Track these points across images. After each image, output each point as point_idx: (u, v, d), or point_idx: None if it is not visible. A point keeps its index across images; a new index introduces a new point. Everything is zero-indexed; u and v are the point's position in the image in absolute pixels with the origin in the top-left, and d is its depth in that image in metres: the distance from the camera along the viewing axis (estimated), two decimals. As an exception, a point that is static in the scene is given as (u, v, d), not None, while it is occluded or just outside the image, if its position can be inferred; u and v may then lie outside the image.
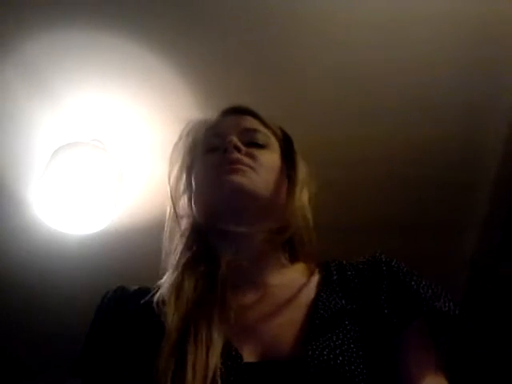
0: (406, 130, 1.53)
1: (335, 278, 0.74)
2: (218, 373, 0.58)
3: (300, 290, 0.72)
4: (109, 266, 1.73)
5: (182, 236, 0.77)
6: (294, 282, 0.73)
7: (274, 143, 0.82)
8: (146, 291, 0.74)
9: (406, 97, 1.46)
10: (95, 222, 1.50)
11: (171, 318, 0.65)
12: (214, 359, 0.59)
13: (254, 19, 1.30)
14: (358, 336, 0.65)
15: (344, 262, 0.78)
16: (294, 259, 0.79)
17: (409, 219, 1.74)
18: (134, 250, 1.71)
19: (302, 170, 0.82)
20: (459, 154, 1.60)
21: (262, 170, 0.75)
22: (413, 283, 0.70)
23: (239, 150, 0.76)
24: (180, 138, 0.86)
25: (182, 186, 0.81)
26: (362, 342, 0.64)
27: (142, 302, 0.72)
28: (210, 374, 0.58)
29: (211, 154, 0.79)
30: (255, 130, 0.81)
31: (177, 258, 0.75)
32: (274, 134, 0.83)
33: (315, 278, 0.75)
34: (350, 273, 0.75)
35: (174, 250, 0.77)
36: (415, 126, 1.53)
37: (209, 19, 1.30)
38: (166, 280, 0.72)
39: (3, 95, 1.41)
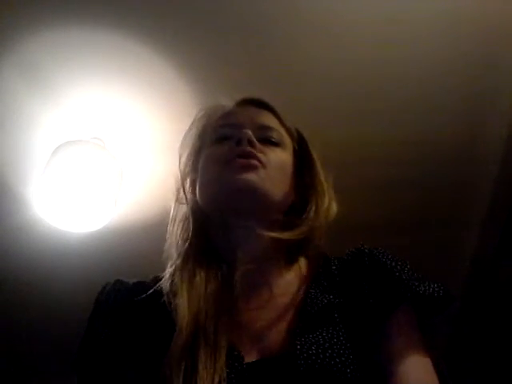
0: (406, 129, 1.53)
1: (322, 273, 0.75)
2: (225, 376, 0.60)
3: (296, 292, 0.73)
4: (109, 264, 1.72)
5: (186, 220, 0.77)
6: (291, 285, 0.74)
7: (288, 143, 0.81)
8: (145, 285, 0.74)
9: (406, 96, 1.46)
10: (95, 220, 1.50)
11: (183, 314, 0.64)
12: (221, 363, 0.60)
13: (254, 18, 1.30)
14: (346, 329, 0.66)
15: (331, 257, 0.78)
16: (294, 258, 0.78)
17: (409, 218, 1.74)
18: (135, 247, 1.72)
19: (324, 178, 0.81)
20: (459, 153, 1.60)
21: (272, 168, 0.74)
22: (395, 270, 0.71)
23: (253, 145, 0.74)
24: (193, 123, 0.85)
25: (188, 170, 0.81)
26: (350, 334, 0.65)
27: (145, 294, 0.71)
28: (217, 378, 0.59)
29: (222, 144, 0.77)
30: (271, 128, 0.79)
31: (185, 246, 0.74)
32: (289, 133, 0.82)
33: (307, 276, 0.76)
34: (334, 267, 0.75)
35: (179, 235, 0.76)
36: (415, 124, 1.53)
37: (210, 19, 1.30)
38: (176, 269, 0.72)
39: (3, 93, 1.41)
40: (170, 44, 1.34)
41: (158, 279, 0.74)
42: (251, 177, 0.71)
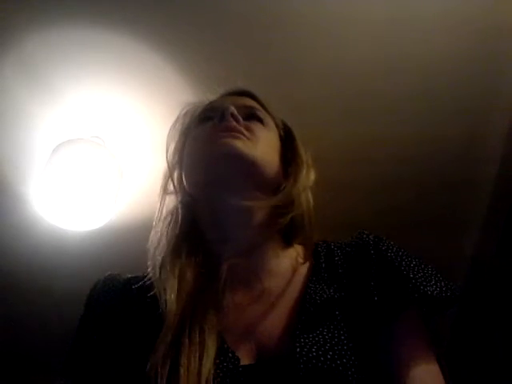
0: (406, 129, 1.53)
1: (323, 265, 0.72)
2: (211, 376, 0.57)
3: (291, 283, 0.70)
4: (109, 263, 1.71)
5: (174, 213, 0.75)
6: (286, 275, 0.71)
7: (273, 125, 0.79)
8: (138, 280, 0.72)
9: (406, 95, 1.46)
10: (95, 219, 1.50)
11: (170, 313, 0.62)
12: (208, 363, 0.58)
13: (254, 17, 1.30)
14: (347, 327, 0.63)
15: (332, 244, 0.76)
16: (288, 245, 0.76)
17: (409, 218, 1.74)
18: (135, 246, 1.70)
19: (305, 154, 0.79)
20: (459, 153, 1.60)
21: (259, 143, 0.72)
22: (402, 267, 0.68)
23: (237, 120, 0.72)
24: (177, 119, 0.84)
25: (175, 162, 0.79)
26: (351, 331, 0.63)
27: (136, 291, 0.70)
28: (204, 377, 0.57)
29: (206, 123, 0.75)
30: (254, 107, 0.78)
31: (173, 240, 0.71)
32: (273, 118, 0.81)
33: (305, 267, 0.72)
34: (337, 258, 0.72)
35: (167, 228, 0.74)
36: (415, 124, 1.52)
37: (209, 18, 1.30)
38: (164, 266, 0.69)
39: (3, 92, 1.41)
40: (170, 43, 1.34)
41: (148, 273, 0.71)
42: (235, 143, 0.69)
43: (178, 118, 0.84)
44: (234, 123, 0.71)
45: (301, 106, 1.44)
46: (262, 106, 0.81)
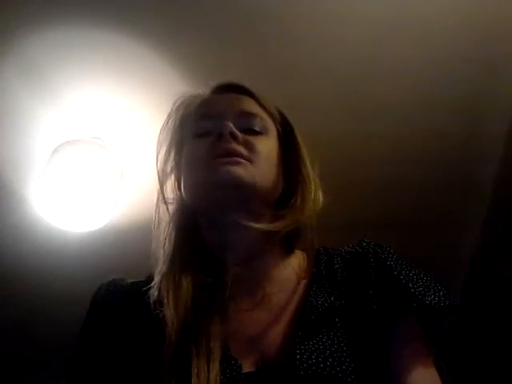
0: (405, 129, 1.53)
1: (324, 272, 0.71)
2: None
3: (293, 291, 0.69)
4: (109, 264, 1.72)
5: (170, 222, 0.73)
6: (288, 282, 0.70)
7: (272, 128, 0.76)
8: (140, 285, 0.71)
9: (405, 95, 1.46)
10: (95, 220, 1.50)
11: (170, 324, 0.61)
12: (215, 371, 0.58)
13: (252, 15, 1.30)
14: (347, 334, 0.63)
15: (332, 251, 0.75)
16: (289, 251, 0.75)
17: (408, 218, 1.74)
18: (134, 247, 1.70)
19: (312, 171, 0.76)
20: (459, 153, 1.60)
21: (259, 161, 0.69)
22: (401, 276, 0.67)
23: (235, 138, 0.69)
24: (169, 116, 0.80)
25: (169, 167, 0.77)
26: (351, 339, 0.63)
27: (139, 296, 0.69)
28: None
29: (203, 139, 0.71)
30: (253, 115, 0.74)
31: (170, 250, 0.70)
32: (272, 116, 0.77)
33: (306, 274, 0.72)
34: (337, 265, 0.72)
35: (164, 237, 0.72)
36: (415, 124, 1.53)
37: (207, 17, 1.30)
38: (162, 276, 0.68)
39: (3, 93, 1.41)
40: (169, 43, 1.34)
41: (151, 278, 0.70)
42: (236, 170, 0.66)
43: (169, 114, 0.81)
44: (233, 145, 0.68)
45: (298, 105, 1.44)
46: (260, 103, 0.77)
